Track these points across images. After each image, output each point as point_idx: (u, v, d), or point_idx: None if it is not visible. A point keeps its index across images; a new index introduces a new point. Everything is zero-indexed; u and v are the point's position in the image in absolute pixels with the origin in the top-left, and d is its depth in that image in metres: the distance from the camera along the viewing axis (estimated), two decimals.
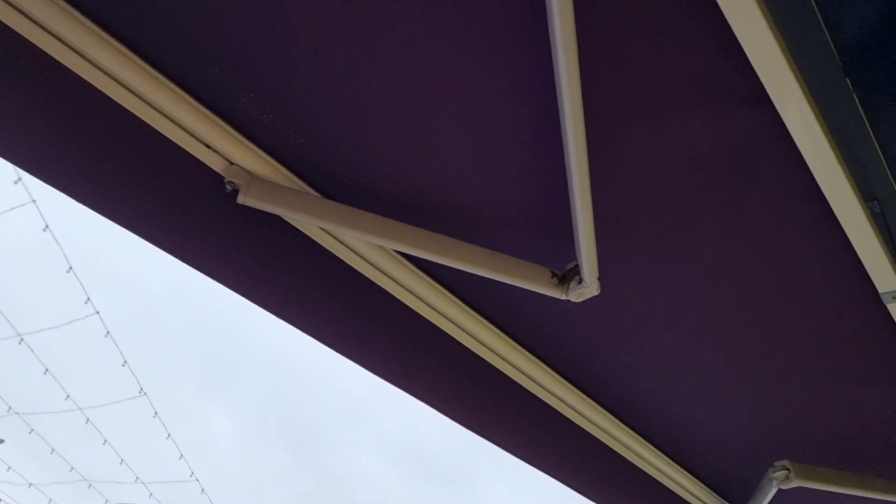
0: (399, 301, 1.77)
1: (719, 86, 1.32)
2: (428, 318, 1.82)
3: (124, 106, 1.36)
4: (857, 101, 1.38)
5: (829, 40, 1.29)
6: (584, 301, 1.64)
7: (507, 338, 1.97)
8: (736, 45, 1.21)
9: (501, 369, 2.00)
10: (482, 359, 1.96)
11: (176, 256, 1.49)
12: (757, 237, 1.60)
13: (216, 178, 1.47)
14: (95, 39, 1.28)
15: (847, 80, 1.34)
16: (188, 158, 1.44)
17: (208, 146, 1.45)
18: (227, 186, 1.47)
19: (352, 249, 1.67)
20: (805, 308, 1.79)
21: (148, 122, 1.38)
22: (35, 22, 1.24)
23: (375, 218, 1.54)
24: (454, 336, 1.89)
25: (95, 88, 1.32)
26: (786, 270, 1.68)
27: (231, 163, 1.47)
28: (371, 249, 1.68)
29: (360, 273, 1.70)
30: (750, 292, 1.74)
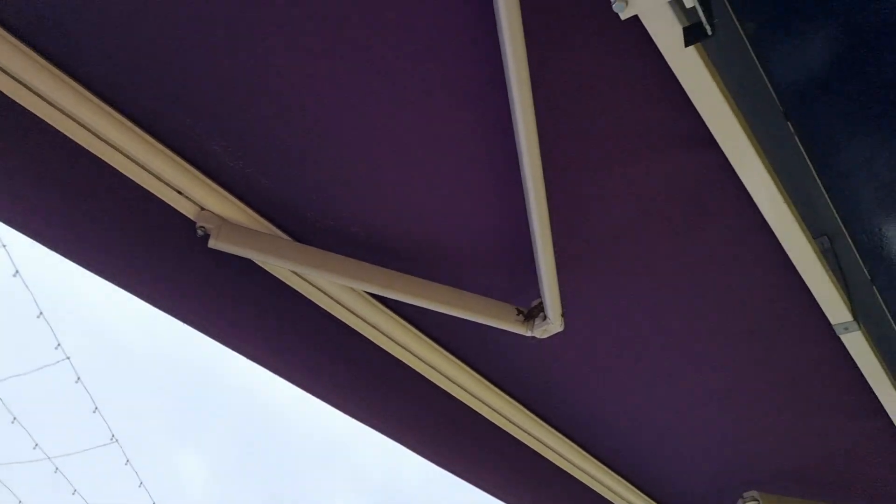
0: (369, 340, 1.80)
1: (668, 131, 1.39)
2: (398, 356, 1.85)
3: (96, 154, 1.39)
4: (798, 143, 1.46)
5: (770, 87, 1.37)
6: (550, 337, 1.68)
7: (478, 375, 2.00)
8: (684, 94, 1.29)
9: (473, 406, 2.02)
10: (454, 397, 1.99)
11: (148, 301, 1.51)
12: (713, 273, 1.67)
13: (188, 223, 1.51)
14: (69, 91, 1.31)
15: (788, 123, 1.43)
16: (160, 204, 1.48)
17: (180, 192, 1.48)
18: (199, 231, 1.50)
19: (323, 291, 1.70)
20: (763, 341, 1.85)
21: (120, 169, 1.42)
22: (7, 73, 1.28)
23: (345, 260, 1.58)
24: (425, 374, 1.92)
25: (69, 138, 1.35)
26: (742, 304, 1.75)
27: (202, 208, 1.51)
28: (341, 290, 1.71)
29: (331, 314, 1.73)
30: (709, 326, 1.80)
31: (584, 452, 2.29)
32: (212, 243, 1.49)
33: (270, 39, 1.27)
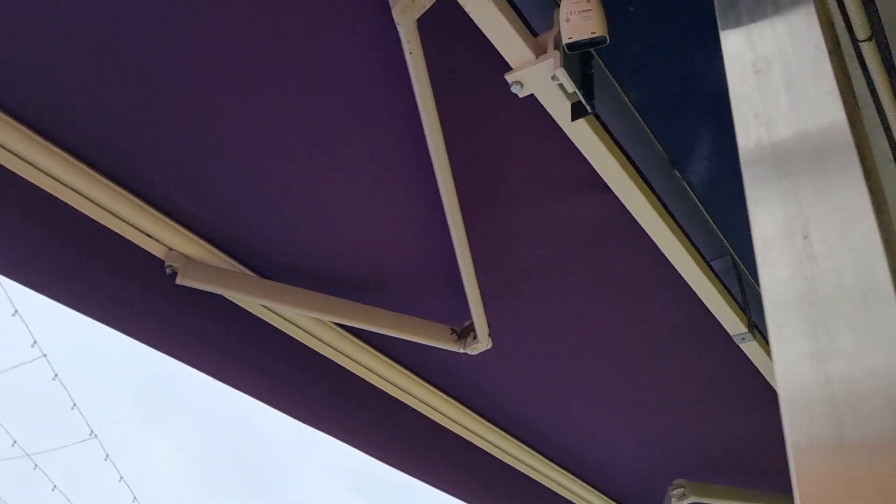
0: (328, 359, 2.01)
1: (569, 181, 1.62)
2: (355, 371, 2.07)
3: (71, 205, 1.58)
4: (687, 186, 1.70)
5: (656, 142, 1.61)
6: (481, 353, 1.91)
7: (425, 383, 2.23)
8: (579, 151, 1.51)
9: (429, 416, 2.25)
10: (409, 406, 2.21)
11: (125, 333, 1.71)
12: (622, 298, 1.90)
13: (157, 262, 1.71)
14: (57, 158, 1.50)
15: (676, 171, 1.66)
16: (131, 247, 1.67)
17: (149, 235, 1.68)
18: (167, 269, 1.70)
19: (283, 318, 1.91)
20: (674, 353, 2.10)
21: (95, 218, 1.61)
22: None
23: (301, 291, 1.79)
24: (382, 388, 2.14)
25: (50, 194, 1.55)
26: (651, 322, 1.99)
27: (170, 249, 1.71)
28: (300, 317, 1.93)
29: (293, 337, 1.94)
30: (622, 344, 2.04)
31: (524, 446, 2.52)
32: (179, 280, 1.70)
33: (220, 102, 1.48)
